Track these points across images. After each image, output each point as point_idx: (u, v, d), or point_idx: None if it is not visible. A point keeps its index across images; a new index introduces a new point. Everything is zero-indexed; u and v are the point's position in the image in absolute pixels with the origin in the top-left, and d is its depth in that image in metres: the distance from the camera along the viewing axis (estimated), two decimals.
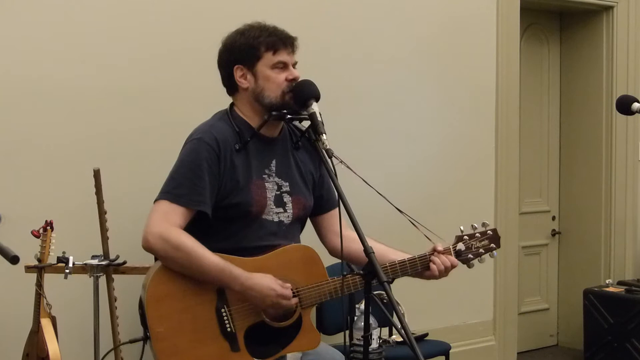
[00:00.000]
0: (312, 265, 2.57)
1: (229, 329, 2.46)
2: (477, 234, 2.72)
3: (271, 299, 2.45)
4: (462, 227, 2.72)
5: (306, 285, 2.54)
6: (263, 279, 2.45)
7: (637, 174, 5.48)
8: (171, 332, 2.42)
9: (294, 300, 2.50)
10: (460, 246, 2.69)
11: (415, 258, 2.62)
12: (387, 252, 2.67)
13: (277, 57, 2.57)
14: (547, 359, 5.44)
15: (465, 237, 2.71)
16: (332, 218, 2.76)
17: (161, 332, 2.41)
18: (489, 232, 2.74)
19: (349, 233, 2.44)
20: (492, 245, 2.74)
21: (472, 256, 2.71)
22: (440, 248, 2.63)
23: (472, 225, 2.73)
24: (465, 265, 2.71)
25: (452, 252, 2.67)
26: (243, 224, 2.55)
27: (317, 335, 2.62)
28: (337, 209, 2.68)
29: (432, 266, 2.61)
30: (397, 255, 2.66)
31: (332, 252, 2.77)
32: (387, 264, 2.58)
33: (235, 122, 2.60)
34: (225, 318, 2.46)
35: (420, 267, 2.62)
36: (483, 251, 2.73)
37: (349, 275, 2.51)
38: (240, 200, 2.53)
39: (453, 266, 2.65)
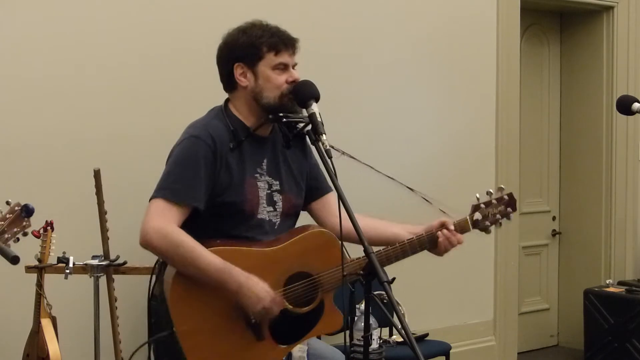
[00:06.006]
0: (330, 250, 2.56)
1: (253, 320, 2.47)
2: (494, 201, 2.69)
3: (265, 302, 2.43)
4: (477, 195, 2.68)
5: (325, 269, 2.55)
6: (260, 282, 2.44)
7: (637, 174, 5.48)
8: (196, 328, 2.43)
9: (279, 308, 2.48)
10: (477, 215, 2.66)
11: (423, 235, 2.62)
12: (387, 226, 2.70)
13: (279, 59, 2.57)
14: (548, 359, 5.44)
15: (482, 205, 2.67)
16: (327, 202, 2.77)
17: (186, 330, 2.42)
18: (505, 197, 2.69)
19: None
20: (509, 209, 2.70)
21: (489, 223, 2.68)
22: (451, 226, 2.62)
23: (487, 192, 2.68)
24: (483, 233, 2.69)
25: (470, 222, 2.66)
26: (237, 222, 2.55)
27: (340, 316, 2.62)
28: (330, 193, 2.75)
29: (439, 242, 2.60)
30: (396, 228, 2.67)
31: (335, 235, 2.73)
32: (398, 244, 2.58)
33: (230, 120, 2.59)
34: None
35: (428, 245, 2.62)
36: (500, 217, 2.69)
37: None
38: (234, 198, 2.52)
39: (459, 243, 2.64)
